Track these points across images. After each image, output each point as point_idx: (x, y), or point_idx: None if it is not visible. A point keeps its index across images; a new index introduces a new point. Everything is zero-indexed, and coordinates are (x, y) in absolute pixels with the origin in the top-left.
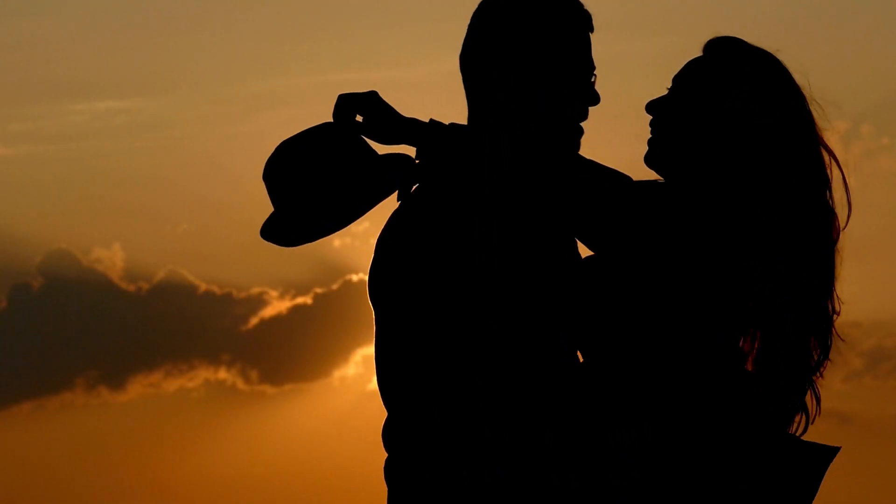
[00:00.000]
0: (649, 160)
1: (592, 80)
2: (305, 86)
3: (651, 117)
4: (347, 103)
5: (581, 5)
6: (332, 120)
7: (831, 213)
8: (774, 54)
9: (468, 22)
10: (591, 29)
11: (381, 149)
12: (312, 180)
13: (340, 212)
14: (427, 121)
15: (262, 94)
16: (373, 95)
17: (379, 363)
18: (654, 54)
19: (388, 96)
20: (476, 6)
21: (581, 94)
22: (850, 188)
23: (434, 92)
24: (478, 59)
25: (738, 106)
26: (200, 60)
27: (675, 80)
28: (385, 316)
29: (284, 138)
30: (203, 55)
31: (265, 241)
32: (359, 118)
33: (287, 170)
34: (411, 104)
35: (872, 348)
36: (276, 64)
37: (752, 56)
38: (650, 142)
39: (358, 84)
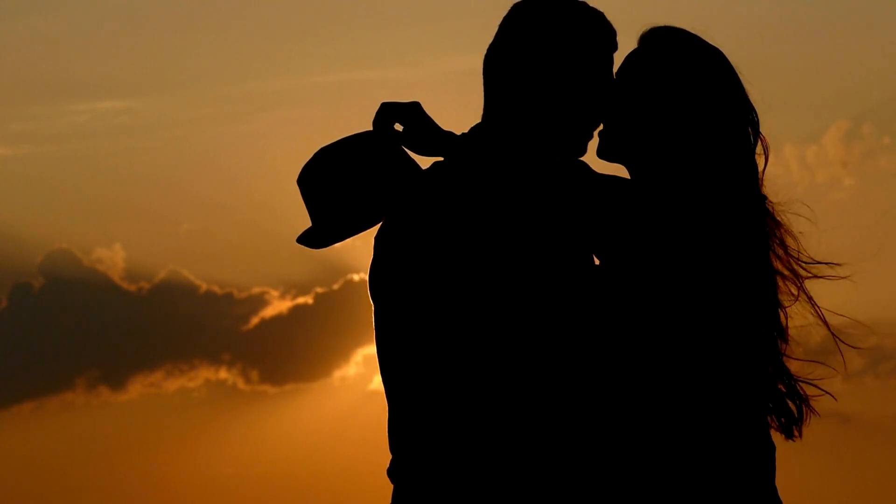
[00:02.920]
0: (601, 152)
1: (608, 87)
2: (305, 86)
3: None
4: (388, 112)
5: (608, 24)
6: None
7: (760, 199)
8: (700, 36)
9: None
10: (615, 48)
11: (420, 160)
12: (346, 187)
13: (370, 215)
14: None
15: (262, 94)
16: (415, 107)
17: (381, 359)
18: None
19: (388, 96)
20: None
21: (597, 104)
22: (763, 180)
23: (434, 92)
24: (503, 64)
25: (675, 95)
26: (200, 60)
27: (618, 73)
28: (386, 311)
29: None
30: (203, 55)
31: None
32: (398, 128)
33: (323, 176)
34: None
35: (873, 348)
36: (276, 64)
37: (689, 46)
38: (600, 134)
39: (358, 84)
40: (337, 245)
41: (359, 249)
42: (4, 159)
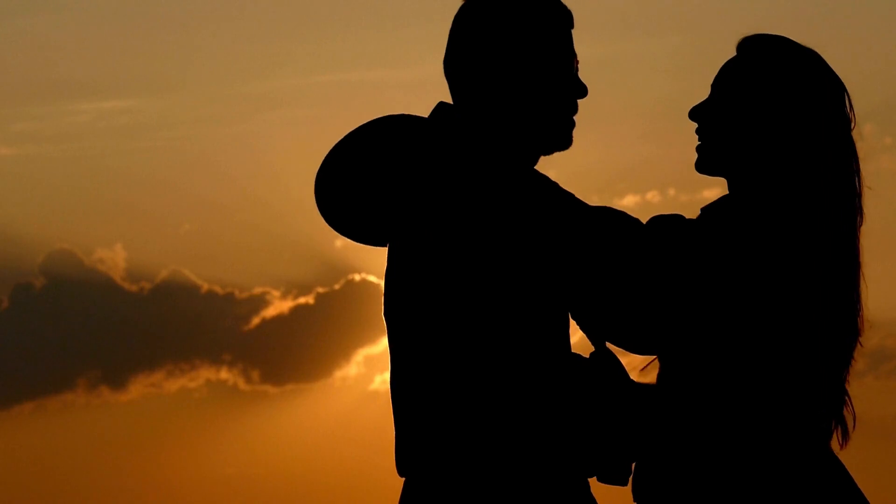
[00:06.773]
0: (700, 166)
1: (575, 69)
2: (305, 86)
3: (696, 125)
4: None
5: (560, 3)
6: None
7: (854, 214)
8: (814, 49)
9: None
10: (572, 25)
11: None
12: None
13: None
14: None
15: (262, 94)
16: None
17: (397, 375)
18: (661, 54)
19: (387, 96)
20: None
21: (567, 87)
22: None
23: (434, 92)
24: (462, 63)
25: (781, 105)
26: (200, 60)
27: (715, 83)
28: (402, 325)
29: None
30: (203, 55)
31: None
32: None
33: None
34: (411, 104)
35: (874, 348)
36: (276, 64)
37: (790, 53)
38: (699, 148)
39: (358, 84)
40: (338, 245)
41: (360, 249)
42: (5, 159)
